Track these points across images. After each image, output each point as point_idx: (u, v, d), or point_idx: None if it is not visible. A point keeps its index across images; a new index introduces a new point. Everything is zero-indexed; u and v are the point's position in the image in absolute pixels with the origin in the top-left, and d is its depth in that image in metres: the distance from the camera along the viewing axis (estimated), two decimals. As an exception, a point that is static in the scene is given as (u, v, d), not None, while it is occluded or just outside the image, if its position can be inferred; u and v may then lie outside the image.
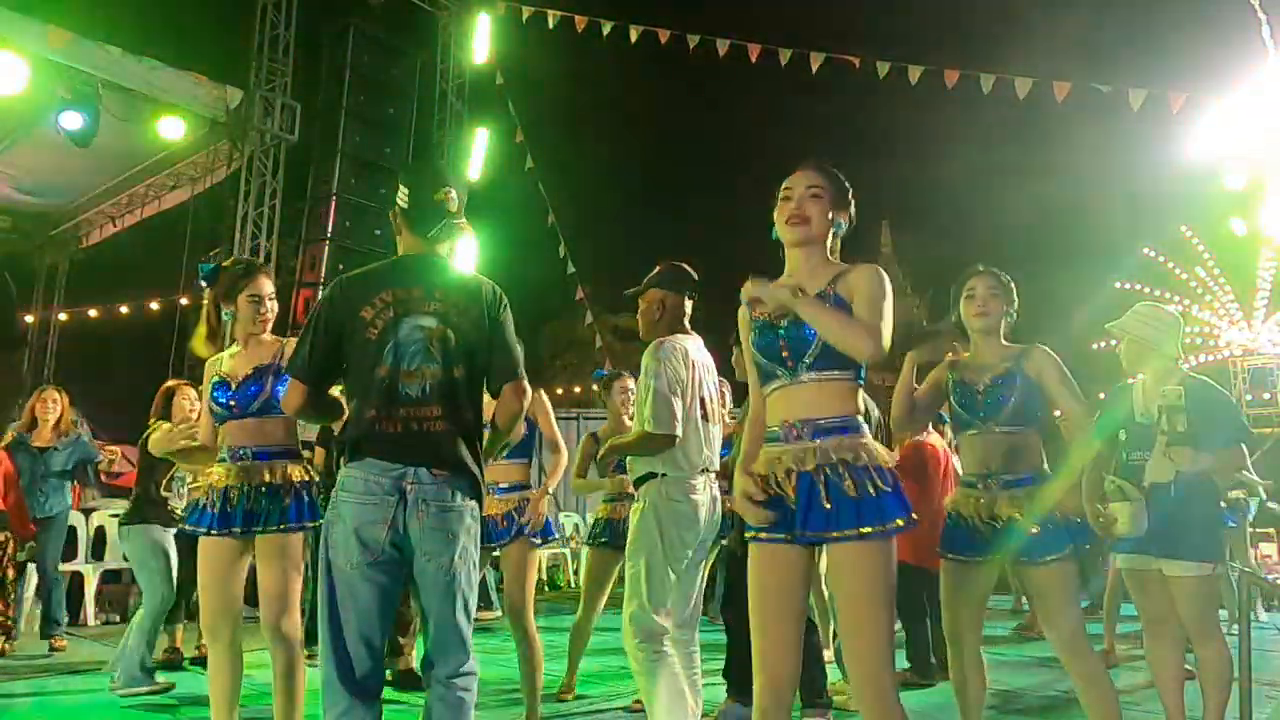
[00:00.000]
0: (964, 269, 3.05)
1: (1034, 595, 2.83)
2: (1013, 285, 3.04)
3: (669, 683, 2.94)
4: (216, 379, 3.07)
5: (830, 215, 2.29)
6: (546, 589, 10.10)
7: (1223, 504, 3.98)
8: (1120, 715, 2.74)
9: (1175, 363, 3.34)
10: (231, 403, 3.00)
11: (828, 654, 4.43)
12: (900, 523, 2.05)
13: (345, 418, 2.44)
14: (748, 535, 2.22)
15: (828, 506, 2.05)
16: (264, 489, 2.93)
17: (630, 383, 4.52)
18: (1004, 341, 2.98)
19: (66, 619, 6.02)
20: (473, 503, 2.32)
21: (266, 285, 3.18)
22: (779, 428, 2.19)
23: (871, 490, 2.05)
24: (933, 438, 5.55)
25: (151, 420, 4.67)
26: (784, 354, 2.19)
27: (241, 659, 2.98)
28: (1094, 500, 3.32)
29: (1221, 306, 15.46)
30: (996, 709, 4.24)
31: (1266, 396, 13.39)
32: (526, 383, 2.44)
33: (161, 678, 4.47)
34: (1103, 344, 15.60)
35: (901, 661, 4.92)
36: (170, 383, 4.90)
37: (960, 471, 3.01)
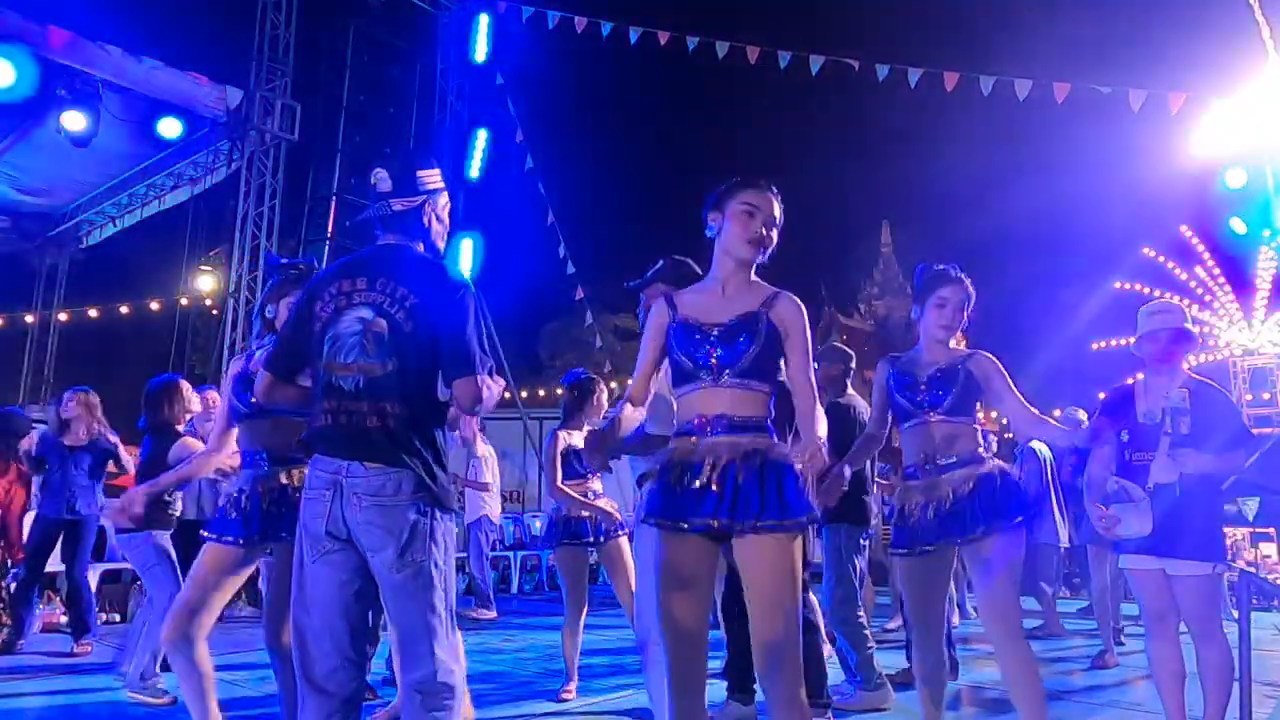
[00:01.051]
0: (935, 271, 3.04)
1: (973, 569, 2.80)
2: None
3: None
4: (239, 375, 3.03)
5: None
6: (547, 589, 10.10)
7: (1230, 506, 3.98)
8: (1046, 709, 2.72)
9: (1180, 363, 3.35)
10: (253, 400, 2.98)
11: (827, 649, 4.43)
12: (804, 520, 2.21)
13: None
14: (654, 522, 2.31)
15: (736, 498, 2.19)
16: (278, 494, 2.88)
17: (603, 396, 4.54)
18: (951, 345, 3.03)
19: (101, 621, 5.97)
20: (420, 497, 2.19)
21: None
22: (694, 422, 2.33)
23: (777, 487, 2.19)
24: (1040, 444, 5.90)
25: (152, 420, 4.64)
26: (713, 361, 2.34)
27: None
28: (1096, 500, 3.33)
29: (1221, 306, 15.44)
30: (977, 703, 4.24)
31: (1266, 396, 13.39)
32: (483, 379, 2.25)
33: (163, 683, 4.48)
34: (1103, 344, 15.61)
35: (901, 661, 4.93)
36: (170, 380, 4.77)
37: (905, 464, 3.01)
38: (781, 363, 2.41)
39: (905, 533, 2.88)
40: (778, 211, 2.41)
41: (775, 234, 2.42)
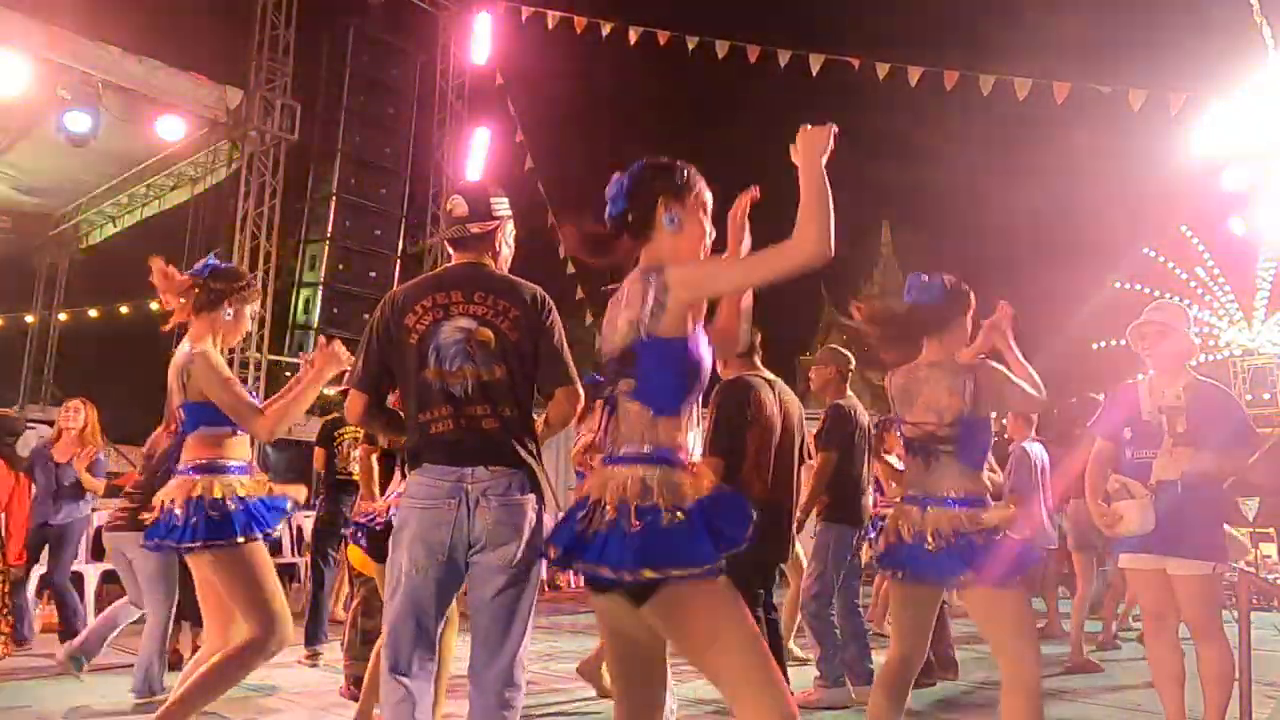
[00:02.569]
0: (963, 289, 2.86)
1: (981, 620, 2.63)
2: None
3: None
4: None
5: None
6: (547, 589, 10.10)
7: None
8: None
9: (1183, 363, 3.35)
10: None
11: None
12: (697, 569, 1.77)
13: (407, 426, 2.45)
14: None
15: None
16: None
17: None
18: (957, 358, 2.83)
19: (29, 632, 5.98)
20: (532, 497, 2.32)
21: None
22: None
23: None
24: (1033, 445, 5.96)
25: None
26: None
27: None
28: (1098, 498, 3.33)
29: (1221, 306, 15.44)
30: (977, 703, 4.23)
31: (1266, 396, 13.39)
32: (580, 389, 2.45)
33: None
34: (1103, 344, 15.60)
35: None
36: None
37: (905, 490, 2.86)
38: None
39: (894, 558, 2.71)
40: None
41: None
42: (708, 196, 2.08)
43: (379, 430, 2.73)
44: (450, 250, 2.58)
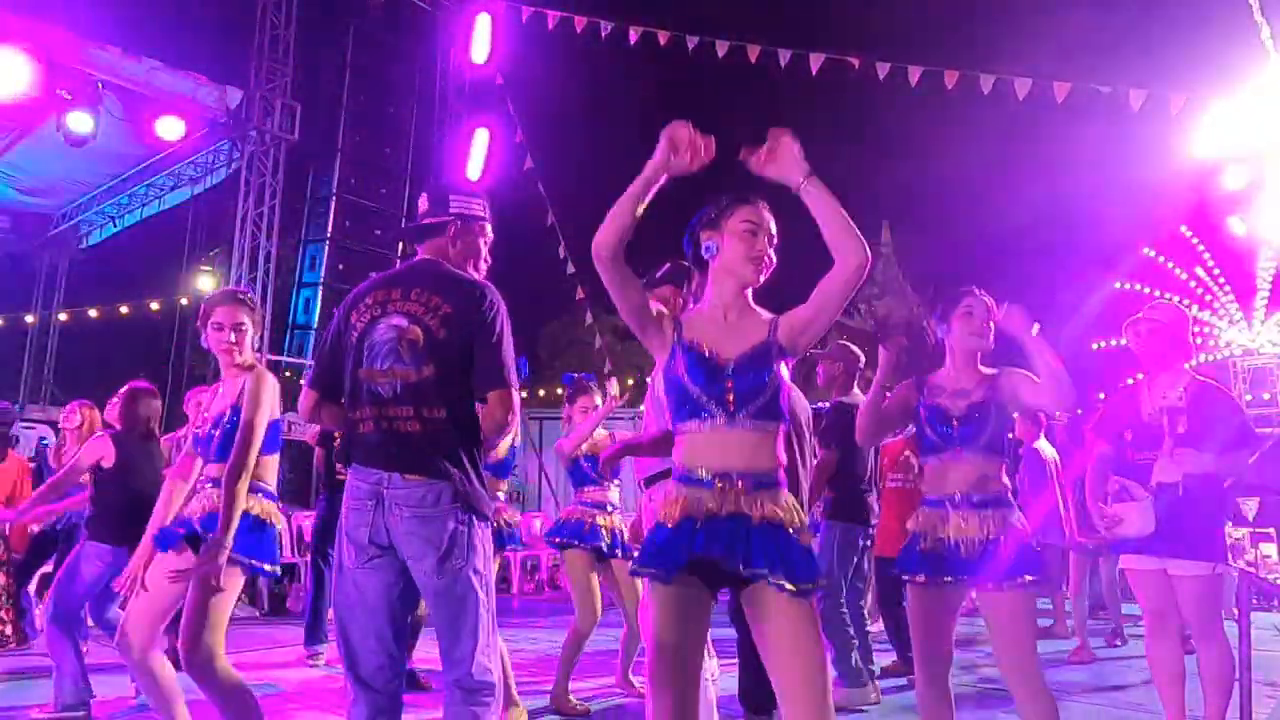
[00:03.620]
0: (956, 286, 2.95)
1: (991, 621, 2.69)
2: None
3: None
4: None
5: None
6: (548, 589, 10.10)
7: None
8: None
9: (1183, 364, 3.35)
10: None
11: None
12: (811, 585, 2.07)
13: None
14: (644, 570, 2.11)
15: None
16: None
17: (596, 399, 4.48)
18: (980, 366, 2.89)
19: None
20: (458, 506, 2.25)
21: (225, 314, 3.05)
22: (704, 473, 2.10)
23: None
24: (1044, 445, 6.13)
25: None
26: (728, 397, 2.12)
27: None
28: (1098, 499, 3.33)
29: (1221, 306, 15.43)
30: (983, 692, 4.24)
31: (1266, 396, 13.39)
32: (514, 393, 2.35)
33: None
34: (1103, 344, 15.60)
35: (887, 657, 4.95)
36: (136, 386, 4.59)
37: (924, 492, 2.89)
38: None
39: (925, 562, 2.74)
40: (774, 229, 2.25)
41: (774, 254, 2.26)
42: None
43: (329, 426, 2.66)
44: (415, 244, 2.57)
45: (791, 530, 2.07)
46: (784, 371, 2.18)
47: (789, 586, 1.99)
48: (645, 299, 2.23)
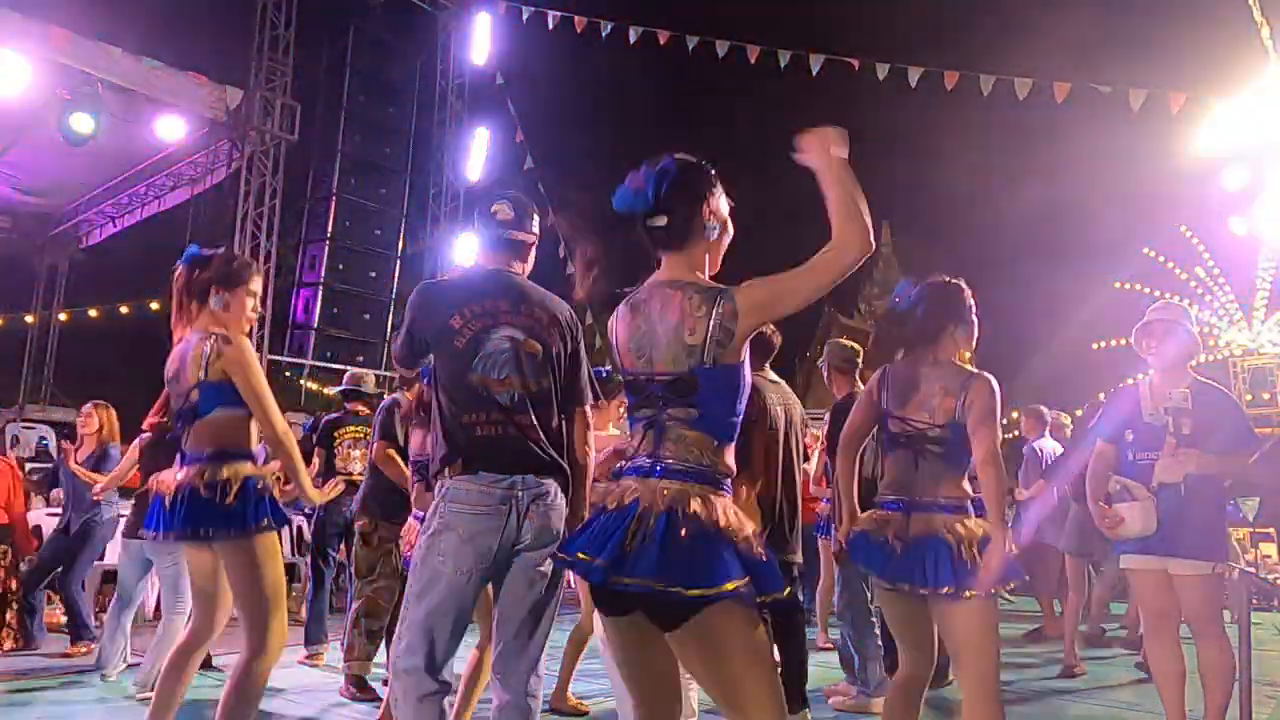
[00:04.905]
0: (958, 285, 2.77)
1: (946, 632, 2.51)
2: None
3: None
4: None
5: None
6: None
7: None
8: None
9: (1186, 363, 3.35)
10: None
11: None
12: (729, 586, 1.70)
13: (444, 425, 2.46)
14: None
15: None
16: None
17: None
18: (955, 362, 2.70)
19: (94, 626, 5.95)
20: (564, 501, 2.45)
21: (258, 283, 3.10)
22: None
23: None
24: (1045, 443, 6.32)
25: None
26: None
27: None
28: (1099, 499, 3.33)
29: (1221, 306, 15.43)
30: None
31: (1266, 396, 13.40)
32: (590, 410, 2.60)
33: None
34: (1102, 344, 15.60)
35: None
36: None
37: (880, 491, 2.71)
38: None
39: (879, 562, 2.59)
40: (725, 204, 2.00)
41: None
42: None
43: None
44: (485, 254, 2.62)
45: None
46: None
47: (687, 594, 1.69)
48: None
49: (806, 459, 4.26)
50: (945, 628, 2.52)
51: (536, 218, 2.67)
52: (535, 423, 2.40)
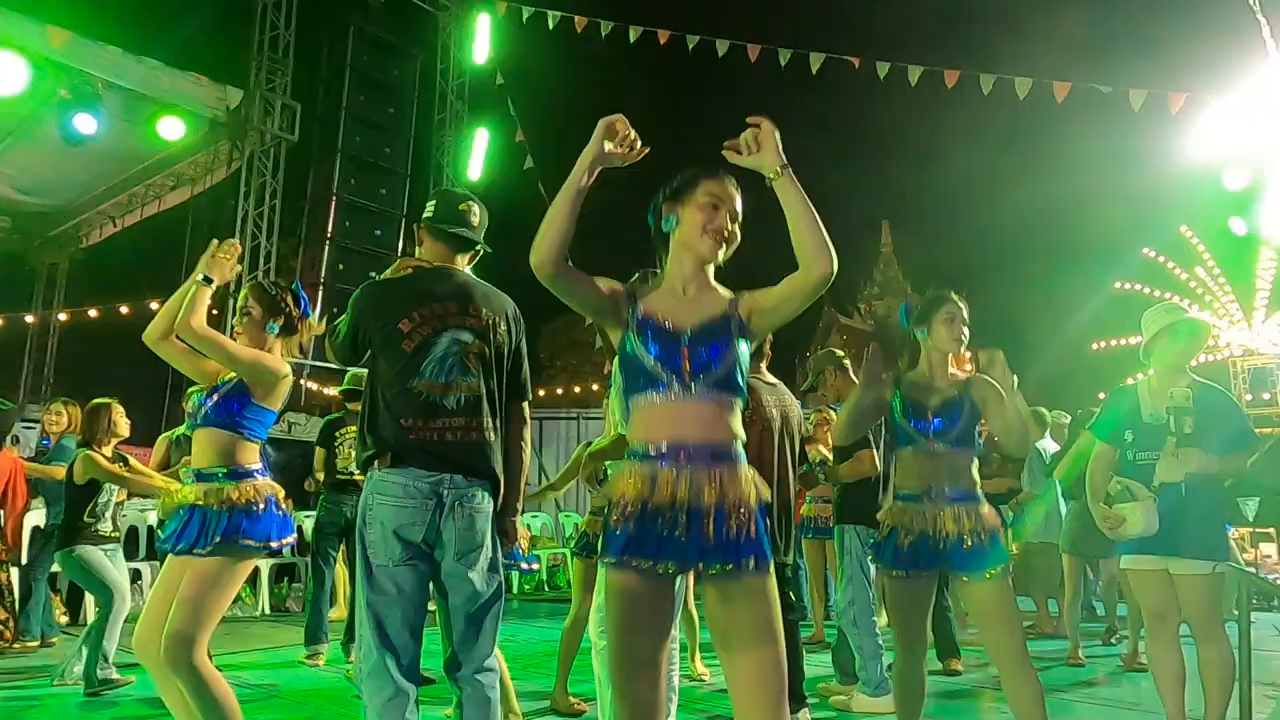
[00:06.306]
0: (936, 290, 3.08)
1: (975, 611, 2.82)
2: None
3: None
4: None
5: None
6: (546, 588, 10.10)
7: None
8: None
9: (1184, 364, 3.35)
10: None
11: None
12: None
13: (375, 422, 2.45)
14: (610, 560, 1.94)
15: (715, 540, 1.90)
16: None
17: None
18: (951, 370, 3.02)
19: (45, 628, 5.99)
20: (492, 505, 2.47)
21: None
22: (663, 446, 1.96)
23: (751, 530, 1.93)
24: (1046, 443, 6.29)
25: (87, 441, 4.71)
26: (685, 366, 1.99)
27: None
28: (1100, 499, 3.33)
29: (1221, 306, 15.44)
30: (977, 703, 4.25)
31: (1266, 396, 13.40)
32: (528, 407, 2.65)
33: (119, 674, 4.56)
34: (1102, 344, 15.61)
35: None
36: (100, 400, 4.79)
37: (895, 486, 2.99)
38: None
39: (900, 555, 2.85)
40: (741, 206, 2.11)
41: (738, 230, 2.12)
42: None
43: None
44: (436, 250, 2.63)
45: (745, 510, 1.94)
46: (743, 348, 2.05)
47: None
48: (598, 289, 2.07)
49: (803, 460, 4.25)
50: (975, 609, 2.80)
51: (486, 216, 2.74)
52: (475, 425, 2.44)
